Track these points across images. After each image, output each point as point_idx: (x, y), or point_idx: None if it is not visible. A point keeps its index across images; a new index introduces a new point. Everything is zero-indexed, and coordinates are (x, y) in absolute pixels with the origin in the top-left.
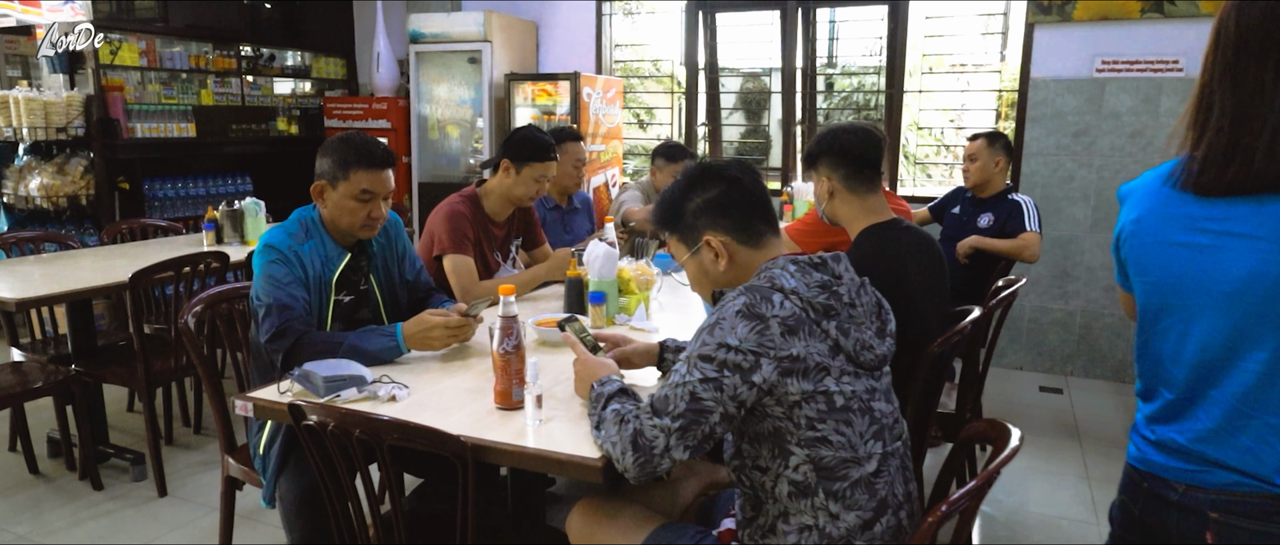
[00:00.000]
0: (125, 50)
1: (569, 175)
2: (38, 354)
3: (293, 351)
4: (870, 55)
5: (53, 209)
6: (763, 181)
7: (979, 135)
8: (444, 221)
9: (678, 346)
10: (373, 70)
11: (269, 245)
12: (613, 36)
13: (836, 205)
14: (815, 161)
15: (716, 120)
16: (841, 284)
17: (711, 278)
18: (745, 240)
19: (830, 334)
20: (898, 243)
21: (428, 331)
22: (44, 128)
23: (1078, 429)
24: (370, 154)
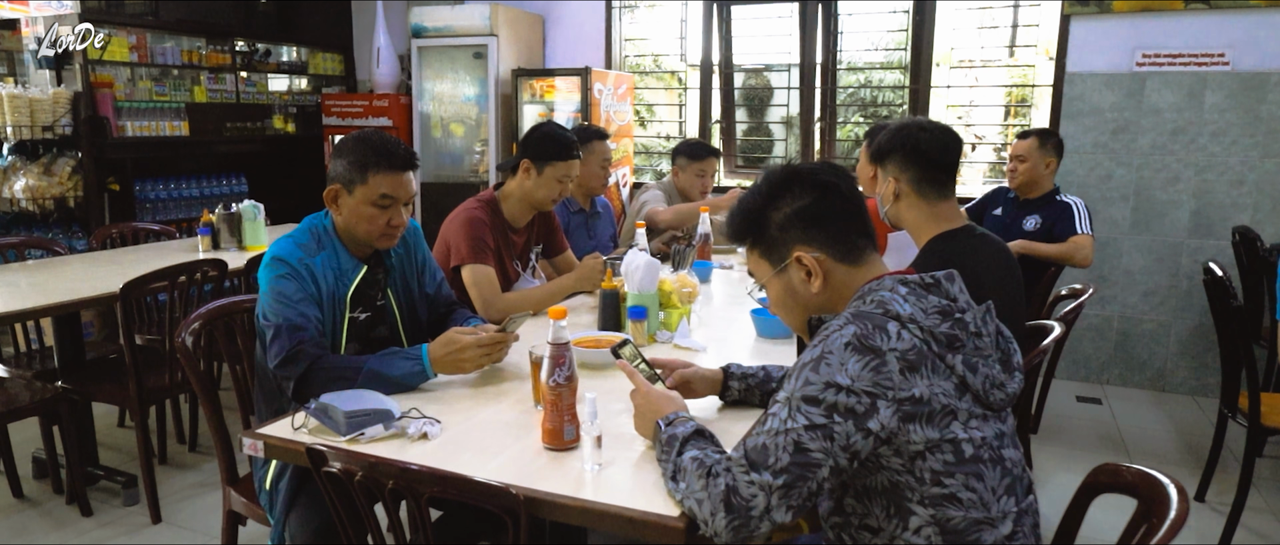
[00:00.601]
0: (115, 45)
1: (595, 176)
2: (22, 368)
3: (306, 378)
4: (875, 49)
5: (39, 212)
6: (859, 189)
7: (1029, 133)
8: (462, 230)
9: (744, 373)
10: (372, 66)
11: (277, 258)
12: (623, 30)
13: (902, 209)
14: (884, 158)
15: (731, 117)
16: (963, 309)
17: (801, 301)
18: (843, 256)
19: (956, 370)
20: (974, 254)
21: (458, 353)
22: (29, 126)
23: (1124, 444)
24: (391, 155)
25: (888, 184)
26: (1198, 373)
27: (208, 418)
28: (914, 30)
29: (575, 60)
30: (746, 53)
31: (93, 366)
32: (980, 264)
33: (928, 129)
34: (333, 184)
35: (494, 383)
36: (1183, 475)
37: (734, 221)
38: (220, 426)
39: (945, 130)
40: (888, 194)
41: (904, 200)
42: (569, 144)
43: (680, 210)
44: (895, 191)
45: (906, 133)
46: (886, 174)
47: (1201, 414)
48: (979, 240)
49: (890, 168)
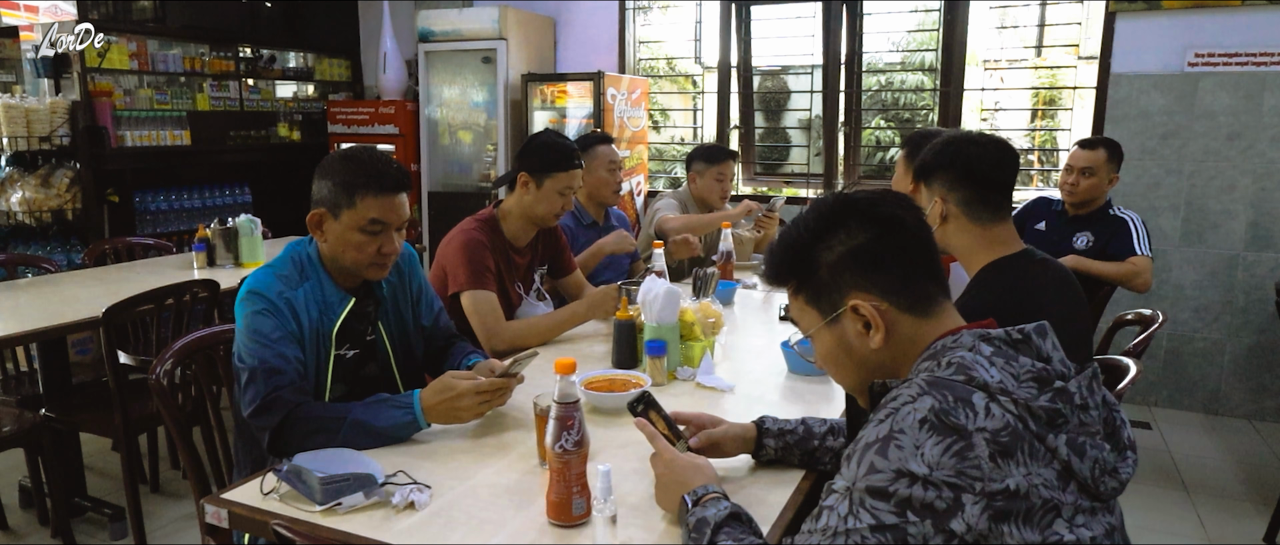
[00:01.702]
0: (115, 52)
1: (604, 183)
2: (9, 394)
3: (282, 430)
4: (897, 49)
5: (36, 224)
6: (928, 224)
7: (1094, 142)
8: (459, 253)
9: (781, 430)
10: (379, 71)
11: (254, 292)
12: (636, 33)
13: (949, 233)
14: (929, 176)
15: (749, 122)
16: (1063, 373)
17: (857, 358)
18: (909, 306)
19: (1059, 454)
20: (1036, 284)
21: (454, 401)
22: (25, 137)
23: (1180, 475)
24: (380, 175)
25: (933, 205)
26: (1255, 395)
27: (185, 463)
28: (945, 30)
29: (587, 64)
30: (766, 54)
31: (79, 393)
32: (1044, 296)
33: (979, 143)
34: (317, 208)
35: (495, 432)
36: (1247, 511)
37: (774, 259)
38: (200, 474)
39: (1000, 144)
40: (933, 215)
41: (952, 223)
42: (569, 152)
43: (692, 220)
44: (942, 213)
45: (955, 147)
46: (931, 193)
47: (1261, 441)
48: (1040, 267)
49: (936, 186)
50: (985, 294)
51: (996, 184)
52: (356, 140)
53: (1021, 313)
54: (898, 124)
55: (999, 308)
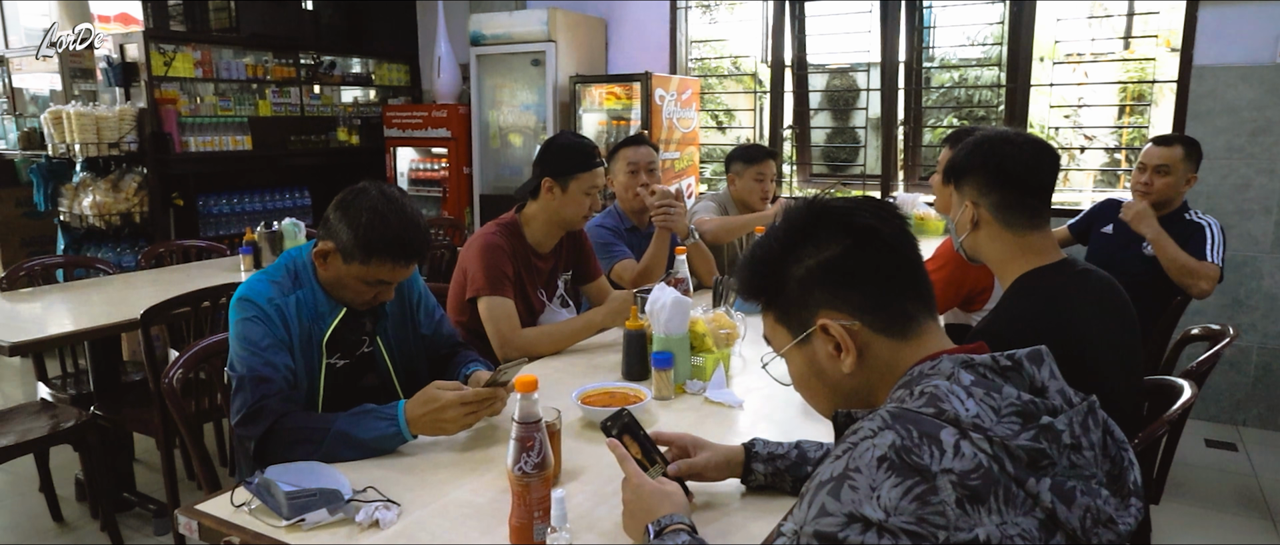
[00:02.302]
0: (180, 61)
1: (626, 186)
2: (62, 390)
3: (268, 439)
4: (971, 44)
5: (106, 227)
6: (912, 234)
7: (1171, 139)
8: (478, 258)
9: (772, 454)
10: (434, 76)
11: (244, 298)
12: (688, 33)
13: (982, 240)
14: (960, 178)
15: (805, 122)
16: (1053, 407)
17: (829, 382)
18: (885, 326)
19: (1041, 500)
20: (1076, 295)
21: (438, 413)
22: (96, 143)
23: (1265, 501)
24: (404, 245)
25: (964, 209)
26: None
27: (196, 465)
28: (1011, 22)
29: (638, 65)
30: (828, 52)
31: (129, 391)
32: (1085, 305)
33: (1015, 142)
34: (327, 242)
35: (483, 445)
36: None
37: (743, 273)
38: (210, 476)
39: (1038, 144)
40: (964, 221)
41: (985, 230)
42: (590, 151)
43: (728, 223)
44: (974, 218)
45: (989, 147)
46: (962, 197)
47: None
48: (1081, 277)
49: (967, 189)
50: (1020, 303)
51: (1033, 188)
52: (411, 144)
53: (1059, 330)
54: (972, 122)
55: (1033, 324)
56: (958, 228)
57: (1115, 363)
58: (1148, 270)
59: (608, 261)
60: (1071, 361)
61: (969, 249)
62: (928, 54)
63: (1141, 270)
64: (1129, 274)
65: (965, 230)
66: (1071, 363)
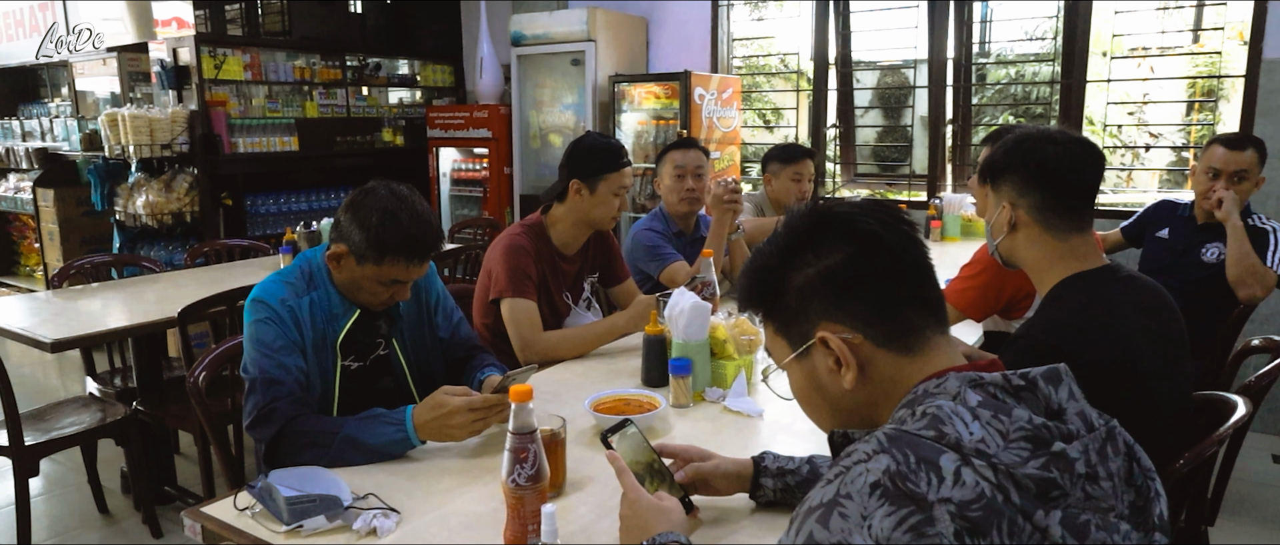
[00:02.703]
0: (230, 64)
1: (671, 190)
2: (108, 385)
3: (278, 442)
4: (1032, 38)
5: (158, 226)
6: (920, 240)
7: (1242, 141)
8: (501, 259)
9: (782, 468)
10: (476, 76)
11: (258, 299)
12: (730, 30)
13: (1019, 244)
14: (998, 177)
15: (849, 120)
16: (1067, 432)
17: (830, 399)
18: (888, 340)
19: (1050, 535)
20: (1121, 302)
21: (445, 419)
22: (149, 145)
23: None
24: (415, 243)
25: (1001, 211)
26: None
27: (220, 463)
28: (1066, 15)
29: (680, 63)
30: (877, 48)
31: (171, 387)
32: (1130, 317)
33: (1059, 141)
34: (339, 245)
35: (493, 452)
36: None
37: (742, 282)
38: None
39: (1083, 143)
40: (1001, 223)
41: (1023, 233)
42: (616, 151)
43: (763, 223)
44: (1011, 220)
45: (1030, 145)
46: (999, 197)
47: None
48: (1126, 283)
49: (1005, 189)
50: (1057, 310)
51: (1077, 188)
52: (453, 144)
53: (1103, 337)
54: (1030, 120)
55: (1074, 331)
56: (993, 230)
57: (1164, 375)
58: (1209, 277)
59: (658, 265)
60: (1117, 372)
61: (1005, 253)
62: (983, 49)
63: (1202, 277)
64: (1188, 281)
65: (1001, 232)
66: (1117, 373)
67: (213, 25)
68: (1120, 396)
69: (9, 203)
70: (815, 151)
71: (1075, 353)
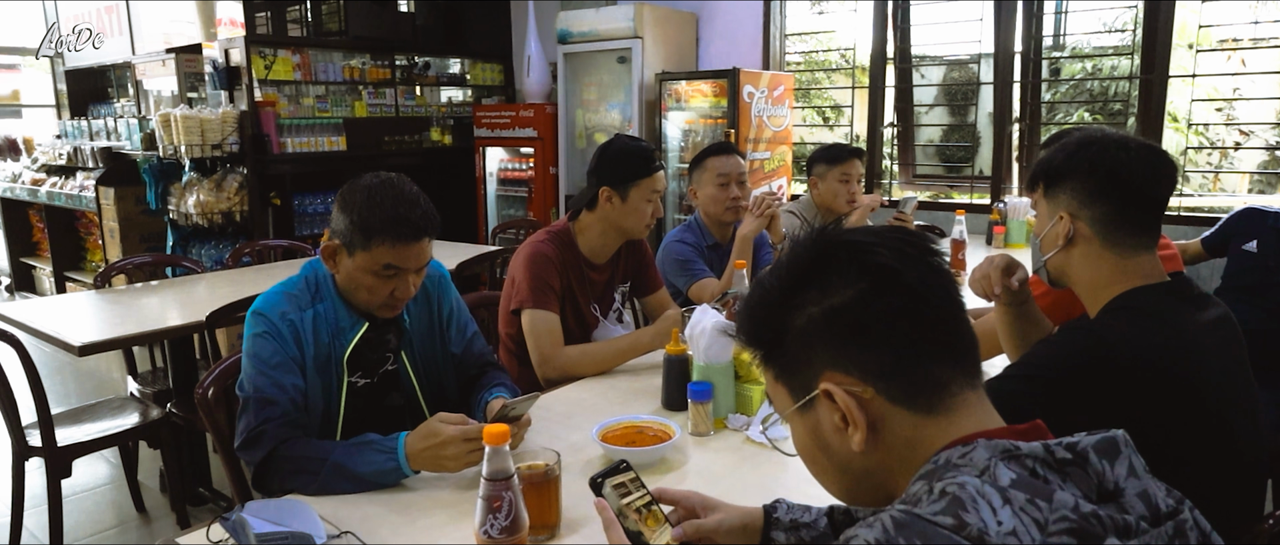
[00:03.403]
0: (280, 64)
1: (714, 199)
2: (147, 386)
3: (266, 466)
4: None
5: (209, 225)
6: (949, 275)
7: None
8: (525, 267)
9: (795, 521)
10: (523, 75)
11: (258, 312)
12: (783, 26)
13: (1075, 261)
14: (1056, 182)
15: (908, 119)
16: (1125, 523)
17: (838, 461)
18: (906, 396)
19: None
20: (1192, 318)
21: (438, 449)
22: (200, 145)
23: None
24: (400, 221)
25: (1059, 221)
26: None
27: (228, 475)
28: (1146, 6)
29: (730, 61)
30: (941, 42)
31: None
32: (1203, 337)
33: (1129, 147)
34: (332, 241)
35: None
36: None
37: (740, 318)
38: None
39: (1155, 151)
40: (1055, 235)
41: (1080, 248)
42: (648, 155)
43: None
44: (1068, 233)
45: (1097, 150)
46: (1054, 206)
47: None
48: (1199, 301)
49: (1063, 198)
50: (1116, 333)
51: (1149, 201)
52: (500, 143)
53: (1172, 353)
54: (1107, 118)
55: (1140, 359)
56: (1045, 243)
57: (1242, 409)
58: None
59: (686, 280)
60: (1188, 399)
61: (1054, 269)
62: (1057, 42)
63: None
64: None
65: (1055, 245)
66: (1188, 401)
67: (274, 27)
68: (1196, 427)
69: (76, 200)
70: (862, 151)
71: (1131, 362)
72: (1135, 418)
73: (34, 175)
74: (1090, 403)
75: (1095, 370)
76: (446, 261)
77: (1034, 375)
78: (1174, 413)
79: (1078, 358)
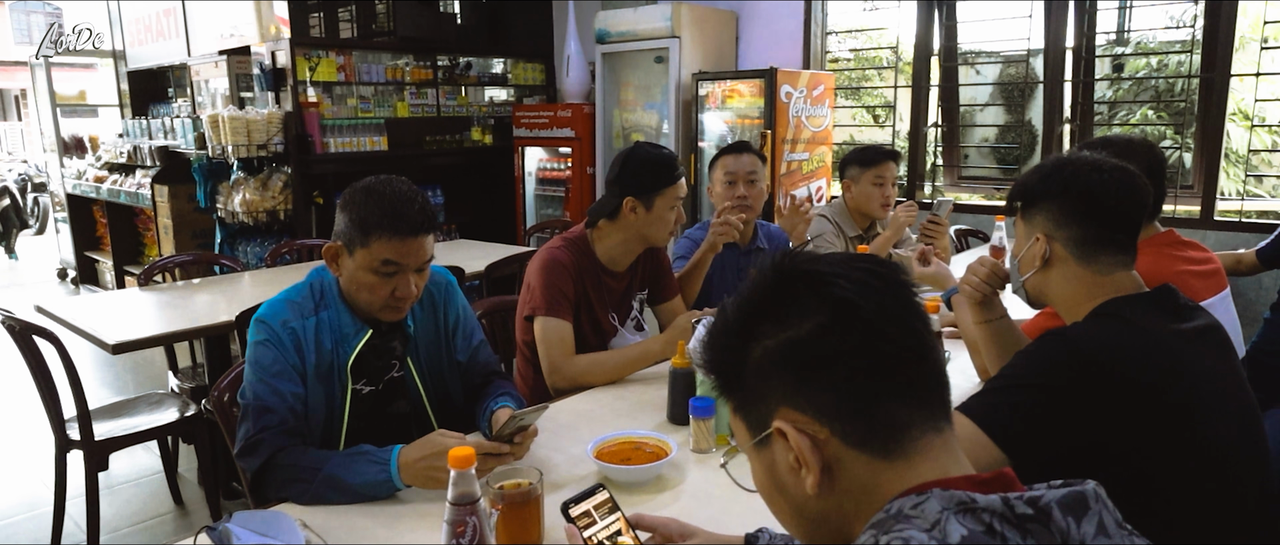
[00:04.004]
0: (324, 65)
1: (726, 197)
2: (187, 381)
3: (262, 475)
4: (1178, 26)
5: (254, 223)
6: (917, 309)
7: None
8: (539, 274)
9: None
10: (562, 75)
11: (260, 319)
12: (825, 24)
13: (1052, 279)
14: (1032, 204)
15: (953, 120)
16: None
17: (793, 503)
18: (863, 439)
19: None
20: (1165, 334)
21: (432, 462)
22: (246, 145)
23: None
24: (397, 216)
25: (1034, 244)
26: None
27: (243, 478)
28: (1207, 5)
29: (770, 60)
30: (988, 40)
31: None
32: (1187, 346)
33: (1104, 169)
34: (334, 242)
35: None
36: None
37: (701, 346)
38: None
39: (1128, 172)
40: (1033, 257)
41: (1059, 268)
42: (671, 163)
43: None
44: (1045, 254)
45: (1071, 172)
46: (1031, 228)
47: None
48: (1188, 312)
49: (1040, 220)
50: (1095, 344)
51: (1123, 221)
52: (539, 143)
53: (1153, 357)
54: (1171, 116)
55: (1108, 347)
56: (1022, 263)
57: (1231, 420)
58: None
59: None
60: (1160, 407)
61: (1033, 290)
62: (1121, 37)
63: None
64: None
65: (1032, 266)
66: (1160, 409)
67: (326, 29)
68: (1162, 429)
69: (134, 198)
70: (897, 153)
71: (1103, 366)
72: (1110, 424)
73: (97, 172)
74: (1068, 410)
75: (1070, 376)
76: (478, 261)
77: (1010, 386)
78: (1145, 421)
79: (1052, 364)
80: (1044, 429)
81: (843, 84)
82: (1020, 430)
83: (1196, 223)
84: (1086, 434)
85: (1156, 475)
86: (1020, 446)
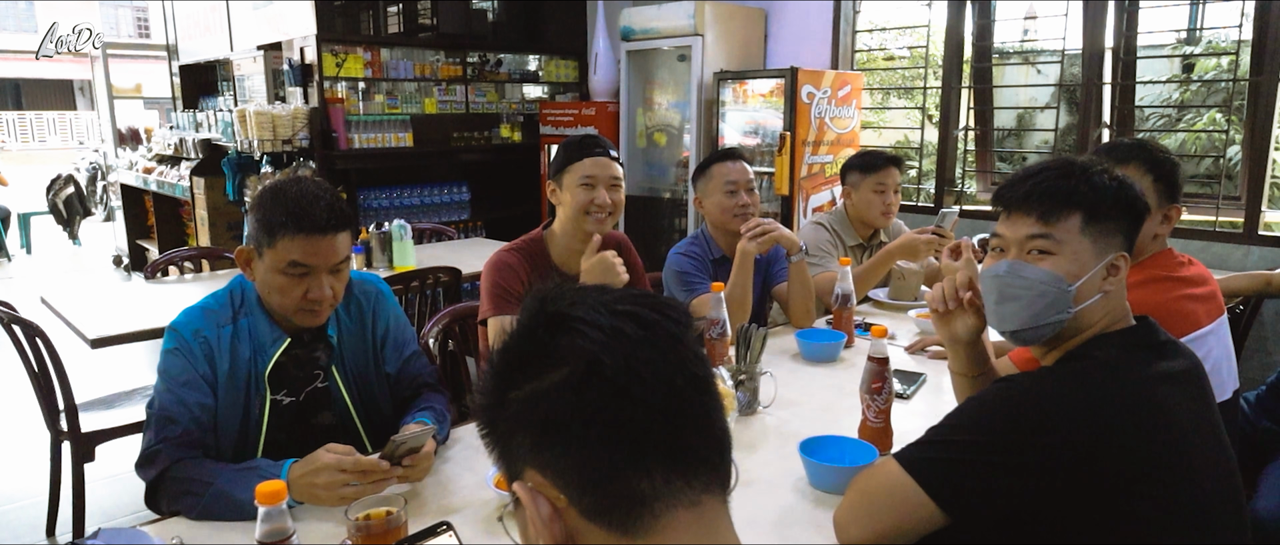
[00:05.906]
0: (351, 62)
1: (723, 206)
2: None
3: (156, 487)
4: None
5: None
6: (684, 364)
7: None
8: (485, 277)
9: None
10: (591, 72)
11: (171, 327)
12: (855, 22)
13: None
14: (1098, 217)
15: (987, 122)
16: None
17: None
18: (599, 512)
19: None
20: (1150, 385)
21: (312, 477)
22: (272, 140)
23: None
24: (302, 215)
25: (1109, 267)
26: None
27: None
28: (1258, 6)
29: (798, 59)
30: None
31: None
32: (1162, 385)
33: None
34: (246, 246)
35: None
36: None
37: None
38: None
39: (1124, 185)
40: (1096, 282)
41: None
42: (584, 140)
43: (864, 272)
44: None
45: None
46: (1104, 246)
47: None
48: (1166, 348)
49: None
50: (1063, 391)
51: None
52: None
53: (1110, 426)
54: (1242, 119)
55: (1068, 408)
56: (1085, 290)
57: (1205, 475)
58: None
59: (685, 295)
60: (1137, 468)
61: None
62: (1192, 36)
63: None
64: None
65: (1094, 294)
66: (1136, 470)
67: (375, 24)
68: (1164, 471)
69: (176, 189)
70: (900, 159)
71: (1056, 431)
72: (1058, 487)
73: (146, 163)
74: (1014, 471)
75: (1019, 437)
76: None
77: (952, 440)
78: (1100, 487)
79: (1003, 421)
80: (987, 489)
81: (876, 85)
82: (958, 488)
83: (1239, 237)
84: (1035, 498)
85: (1115, 540)
86: (959, 506)
